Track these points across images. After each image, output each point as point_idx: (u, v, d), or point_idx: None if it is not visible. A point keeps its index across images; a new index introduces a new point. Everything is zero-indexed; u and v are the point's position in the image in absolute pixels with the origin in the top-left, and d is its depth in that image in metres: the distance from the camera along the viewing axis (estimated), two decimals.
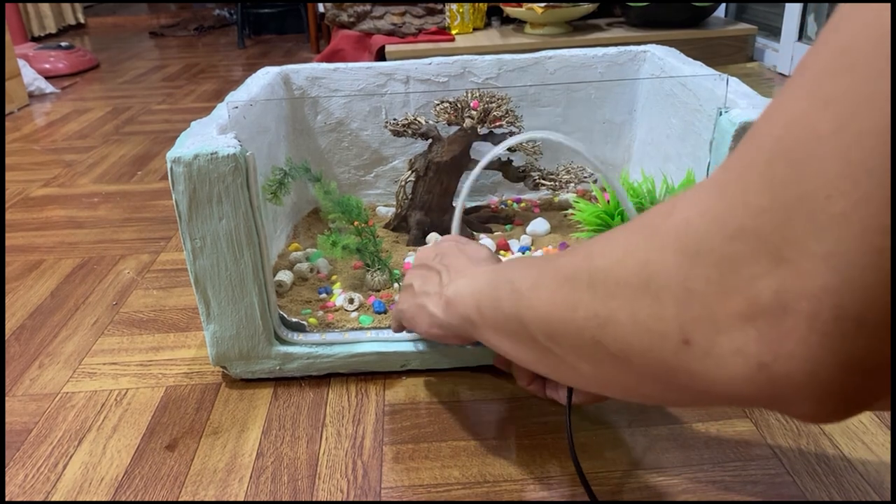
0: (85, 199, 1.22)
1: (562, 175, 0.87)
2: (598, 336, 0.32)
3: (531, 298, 0.38)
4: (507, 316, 0.41)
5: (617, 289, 0.31)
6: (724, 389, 0.27)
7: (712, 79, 0.73)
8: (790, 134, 0.25)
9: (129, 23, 3.75)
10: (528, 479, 0.56)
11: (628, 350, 0.31)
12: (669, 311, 0.28)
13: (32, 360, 0.75)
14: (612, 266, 0.32)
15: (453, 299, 0.49)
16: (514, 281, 0.41)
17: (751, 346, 0.25)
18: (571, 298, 0.34)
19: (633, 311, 0.30)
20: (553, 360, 0.38)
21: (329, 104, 0.96)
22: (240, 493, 0.56)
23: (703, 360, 0.27)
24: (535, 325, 0.38)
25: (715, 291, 0.26)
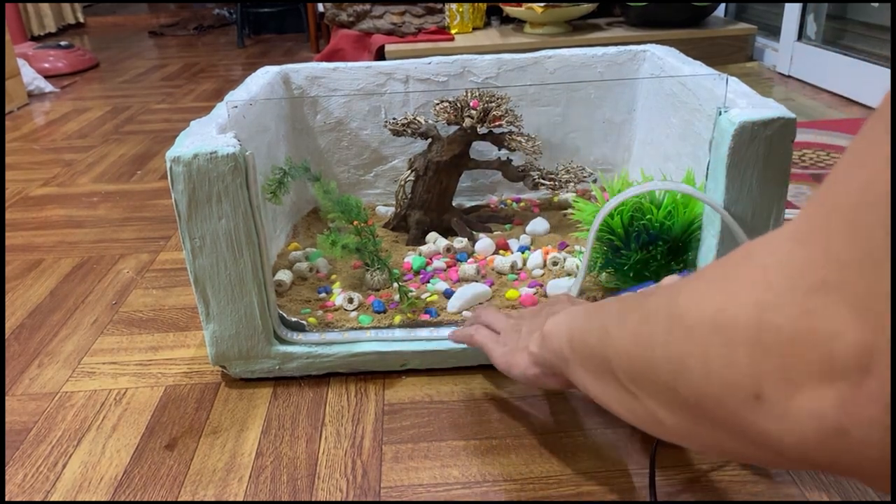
0: (84, 199, 1.22)
1: (561, 175, 0.87)
2: (672, 381, 0.31)
3: (615, 337, 0.37)
4: (593, 352, 0.41)
5: (691, 332, 0.30)
6: (796, 453, 0.25)
7: (712, 78, 0.73)
8: (879, 179, 0.23)
9: (128, 22, 3.75)
10: (528, 479, 0.56)
11: (701, 399, 0.29)
12: (742, 361, 0.26)
13: (32, 359, 0.75)
14: (690, 308, 0.30)
15: (549, 332, 0.49)
16: (605, 317, 0.40)
17: (828, 409, 0.23)
18: (651, 338, 0.33)
19: (705, 358, 0.28)
20: (635, 405, 0.37)
21: (328, 103, 0.96)
22: (239, 492, 0.56)
23: (775, 418, 0.26)
24: (618, 363, 0.37)
25: (791, 346, 0.24)
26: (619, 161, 1.02)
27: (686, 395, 0.30)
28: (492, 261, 0.81)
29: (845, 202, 0.24)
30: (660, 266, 0.70)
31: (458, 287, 0.76)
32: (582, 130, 1.00)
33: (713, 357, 0.28)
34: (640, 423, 0.37)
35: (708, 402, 0.29)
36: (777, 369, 0.25)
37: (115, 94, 2.05)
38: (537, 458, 0.58)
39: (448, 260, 0.83)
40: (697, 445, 0.34)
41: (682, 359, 0.30)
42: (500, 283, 0.78)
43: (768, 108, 0.61)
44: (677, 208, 0.69)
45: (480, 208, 0.98)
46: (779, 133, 0.60)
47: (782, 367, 0.25)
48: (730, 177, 0.61)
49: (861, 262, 0.23)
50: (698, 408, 0.30)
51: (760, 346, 0.26)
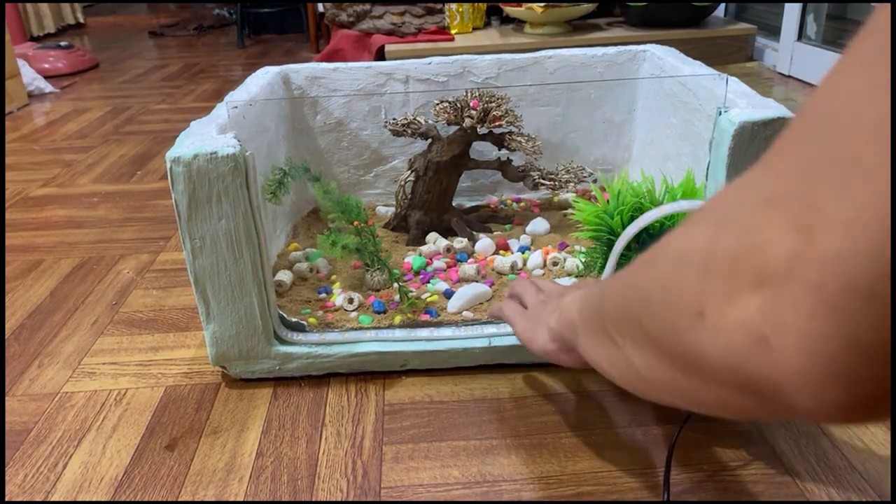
0: (84, 199, 1.22)
1: (561, 175, 0.87)
2: (640, 316, 0.31)
3: (609, 287, 0.38)
4: (594, 311, 0.41)
5: (658, 265, 0.30)
6: (724, 366, 0.25)
7: (712, 78, 0.73)
8: (831, 99, 0.23)
9: (128, 22, 3.75)
10: (528, 479, 0.56)
11: (659, 329, 0.29)
12: (692, 283, 0.27)
13: (32, 359, 0.75)
14: (661, 245, 0.31)
15: (565, 305, 0.49)
16: (607, 283, 0.40)
17: (754, 317, 0.23)
18: (631, 280, 0.34)
19: (664, 286, 0.29)
20: (617, 355, 0.36)
21: (329, 104, 0.96)
22: (239, 492, 0.56)
23: (710, 332, 0.25)
24: (608, 313, 0.37)
25: (734, 262, 0.24)
26: (619, 161, 1.02)
27: (649, 328, 0.31)
28: (492, 261, 0.81)
29: (801, 124, 0.25)
30: None
31: (458, 287, 0.76)
32: (582, 130, 1.00)
33: (671, 284, 0.28)
34: (621, 375, 0.37)
35: (663, 331, 0.29)
36: (720, 286, 0.25)
37: (115, 95, 2.05)
38: (537, 458, 0.58)
39: (448, 260, 0.83)
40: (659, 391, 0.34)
41: (648, 291, 0.30)
42: (501, 283, 0.78)
43: (768, 109, 0.61)
44: None
45: (480, 208, 0.98)
46: (779, 133, 0.60)
47: (724, 283, 0.25)
48: (730, 177, 0.61)
49: (805, 174, 0.23)
50: (657, 340, 0.30)
51: (709, 265, 0.26)
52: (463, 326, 0.70)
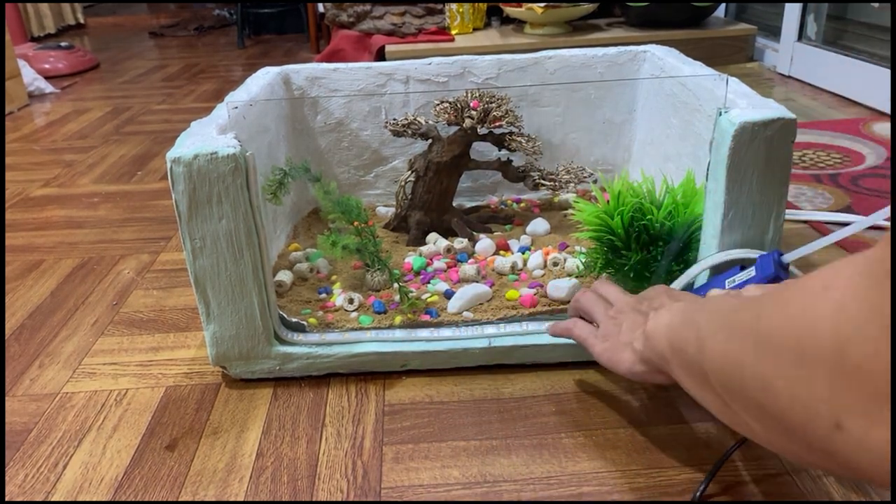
0: (85, 199, 1.22)
1: (561, 175, 0.87)
2: (761, 400, 0.33)
3: (708, 349, 0.39)
4: (691, 360, 0.43)
5: (776, 357, 0.32)
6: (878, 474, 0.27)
7: (712, 79, 0.73)
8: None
9: (128, 23, 3.75)
10: (528, 479, 0.56)
11: (787, 420, 0.31)
12: (822, 393, 0.28)
13: (32, 360, 0.75)
14: (773, 331, 0.32)
15: (651, 333, 0.50)
16: (700, 326, 0.42)
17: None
18: (740, 356, 0.35)
19: (790, 384, 0.31)
20: (730, 413, 0.39)
21: (329, 104, 0.96)
22: (240, 493, 0.56)
23: (855, 447, 0.27)
24: (712, 374, 0.39)
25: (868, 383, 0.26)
26: (619, 161, 1.02)
27: (773, 413, 0.33)
28: (492, 261, 0.81)
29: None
30: (660, 266, 0.70)
31: (458, 288, 0.76)
32: (582, 131, 1.00)
33: (797, 384, 0.30)
34: (738, 429, 0.40)
35: (793, 424, 0.31)
36: (855, 403, 0.27)
37: (116, 95, 2.06)
38: (537, 458, 0.58)
39: (448, 260, 0.83)
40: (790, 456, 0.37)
41: (769, 381, 0.32)
42: (501, 283, 0.78)
43: (768, 109, 0.61)
44: (677, 208, 0.69)
45: (481, 209, 0.98)
46: (779, 133, 0.60)
47: (860, 402, 0.27)
48: (730, 177, 0.61)
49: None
50: (785, 427, 0.32)
51: (840, 379, 0.27)
52: (463, 327, 0.70)
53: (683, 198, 0.70)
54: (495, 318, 0.71)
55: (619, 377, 0.68)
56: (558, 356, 0.69)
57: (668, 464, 0.57)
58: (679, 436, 0.60)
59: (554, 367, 0.69)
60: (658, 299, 0.55)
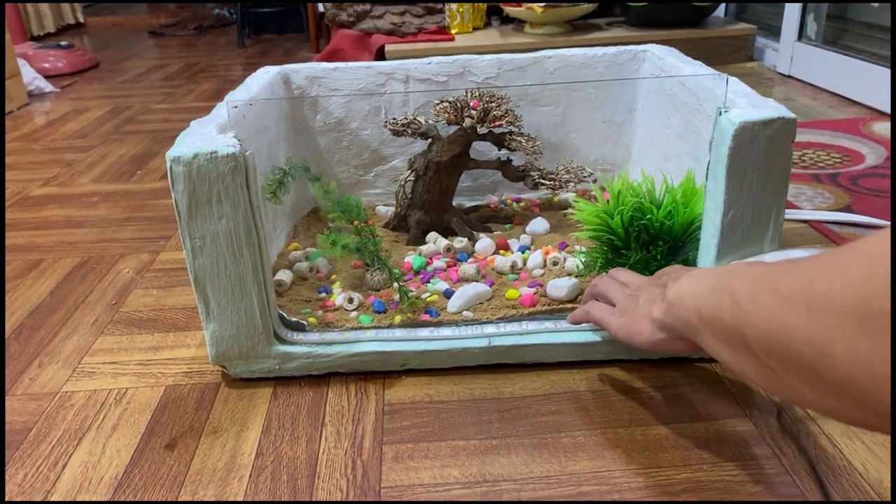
0: (84, 199, 1.22)
1: (561, 175, 0.87)
2: (815, 364, 0.33)
3: (750, 313, 0.38)
4: (727, 326, 0.42)
5: (837, 321, 0.31)
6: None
7: (712, 78, 0.73)
8: None
9: (128, 22, 3.75)
10: (528, 478, 0.56)
11: (848, 384, 0.31)
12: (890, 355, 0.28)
13: (32, 359, 0.75)
14: (832, 295, 0.32)
15: (675, 301, 0.49)
16: (736, 290, 0.41)
17: None
18: (789, 320, 0.34)
19: (853, 348, 0.30)
20: (774, 378, 0.38)
21: (329, 103, 0.96)
22: (239, 492, 0.56)
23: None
24: (754, 340, 0.38)
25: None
26: (619, 161, 1.02)
27: (831, 378, 0.32)
28: (492, 261, 0.81)
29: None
30: (660, 266, 0.70)
31: (458, 287, 0.76)
32: (582, 130, 1.00)
33: (861, 348, 0.30)
34: (780, 393, 0.39)
35: (854, 387, 0.31)
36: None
37: (116, 94, 2.05)
38: (537, 457, 0.58)
39: (448, 260, 0.83)
40: (845, 420, 0.36)
41: (828, 346, 0.32)
42: (501, 282, 0.78)
43: (768, 108, 0.61)
44: (677, 208, 0.69)
45: (480, 208, 0.98)
46: (779, 133, 0.60)
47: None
48: (730, 177, 0.61)
49: None
50: (844, 390, 0.32)
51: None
52: (463, 326, 0.70)
53: (683, 197, 0.70)
54: (495, 317, 0.71)
55: (619, 378, 0.68)
56: (558, 356, 0.69)
57: (668, 464, 0.57)
58: (679, 436, 0.60)
59: (554, 366, 0.69)
60: (676, 273, 0.55)
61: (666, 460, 0.57)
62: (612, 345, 0.68)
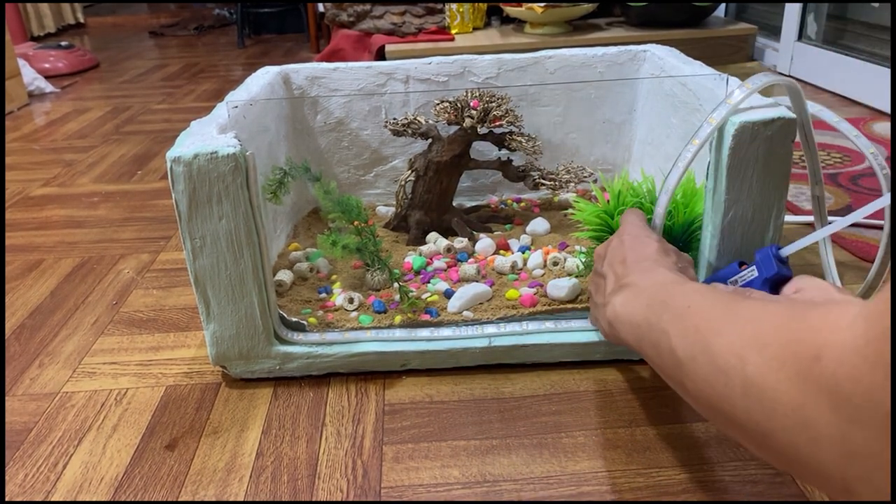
0: (85, 199, 1.22)
1: (562, 175, 0.87)
2: (760, 440, 0.33)
3: (688, 372, 0.39)
4: (665, 369, 0.42)
5: (774, 414, 0.32)
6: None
7: (712, 78, 0.73)
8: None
9: (128, 22, 3.75)
10: (528, 478, 0.56)
11: (792, 463, 0.32)
12: (830, 459, 0.29)
13: (32, 359, 0.75)
14: (766, 387, 0.32)
15: (614, 321, 0.50)
16: (671, 336, 0.41)
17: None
18: (728, 395, 0.35)
19: (793, 442, 0.31)
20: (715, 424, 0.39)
21: (329, 104, 0.96)
22: (240, 492, 0.56)
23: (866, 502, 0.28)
24: (694, 397, 0.39)
25: (877, 457, 0.26)
26: (619, 161, 1.02)
27: (777, 453, 0.33)
28: (492, 261, 0.81)
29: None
30: None
31: (458, 287, 0.76)
32: (582, 130, 1.00)
33: (801, 446, 0.30)
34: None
35: (799, 468, 0.31)
36: (865, 475, 0.27)
37: (116, 95, 2.05)
38: (537, 457, 0.58)
39: (448, 260, 0.83)
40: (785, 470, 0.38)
41: (769, 432, 0.32)
42: (501, 283, 0.78)
43: (768, 109, 0.61)
44: (677, 208, 0.69)
45: (481, 208, 0.98)
46: (779, 133, 0.60)
47: (870, 475, 0.27)
48: (730, 177, 0.61)
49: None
50: (790, 464, 0.32)
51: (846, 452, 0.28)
52: (463, 326, 0.70)
53: (683, 198, 0.70)
54: (495, 317, 0.71)
55: (619, 378, 0.68)
56: (558, 356, 0.69)
57: (668, 464, 0.57)
58: (679, 436, 0.60)
59: (554, 366, 0.69)
60: (615, 264, 0.55)
61: (666, 460, 0.57)
62: (612, 345, 0.68)
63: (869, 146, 0.71)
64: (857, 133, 0.72)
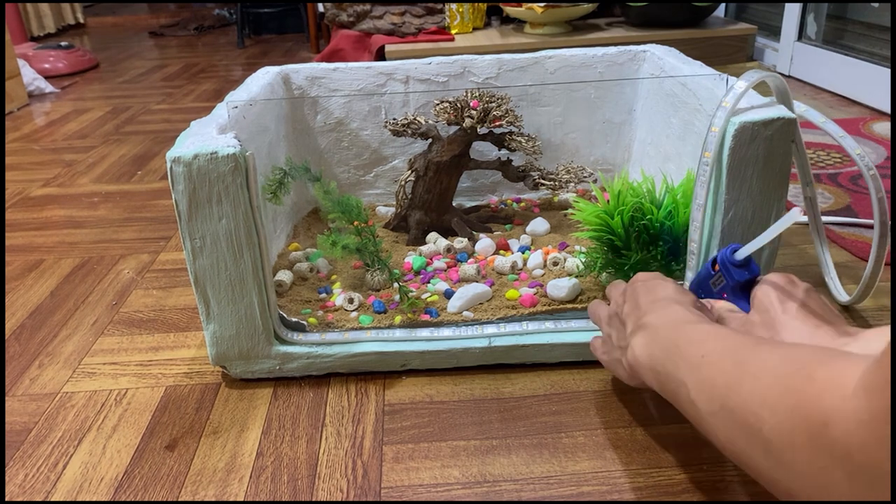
0: (85, 199, 1.22)
1: (561, 175, 0.87)
2: (786, 495, 0.36)
3: (710, 424, 0.41)
4: (689, 418, 0.44)
5: (794, 475, 0.34)
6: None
7: (712, 78, 0.73)
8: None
9: (128, 22, 3.75)
10: (528, 478, 0.56)
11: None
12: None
13: (32, 359, 0.75)
14: (783, 448, 0.34)
15: (635, 366, 0.51)
16: (690, 389, 0.43)
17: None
18: (750, 452, 0.37)
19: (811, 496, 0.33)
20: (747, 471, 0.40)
21: (329, 104, 0.96)
22: (239, 492, 0.56)
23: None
24: (719, 445, 0.41)
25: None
26: (619, 161, 1.02)
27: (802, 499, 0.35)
28: (492, 261, 0.81)
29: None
30: (660, 266, 0.70)
31: (458, 287, 0.76)
32: (582, 131, 1.00)
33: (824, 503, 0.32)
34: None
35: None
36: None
37: (116, 95, 2.05)
38: (537, 457, 0.58)
39: (448, 260, 0.83)
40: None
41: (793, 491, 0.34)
42: (501, 283, 0.78)
43: (768, 109, 0.61)
44: (677, 208, 0.69)
45: (481, 208, 0.98)
46: (779, 133, 0.60)
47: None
48: (730, 177, 0.61)
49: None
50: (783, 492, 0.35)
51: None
52: (463, 326, 0.70)
53: (683, 198, 0.70)
54: (495, 317, 0.71)
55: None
56: (558, 356, 0.69)
57: (668, 464, 0.57)
58: (679, 436, 0.60)
59: (554, 366, 0.70)
60: (633, 313, 0.54)
61: (666, 460, 0.57)
62: None
63: (855, 147, 0.71)
64: (842, 134, 0.72)
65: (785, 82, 0.63)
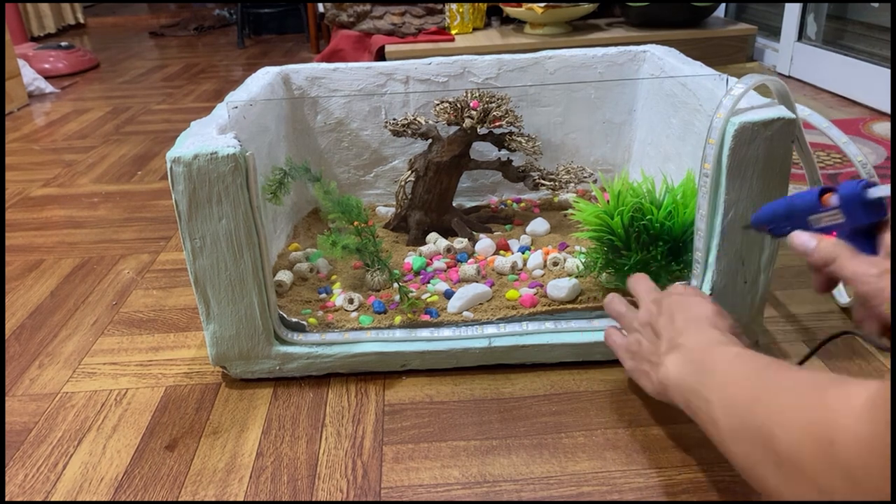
0: (85, 199, 1.22)
1: (561, 175, 0.87)
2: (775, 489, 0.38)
3: (730, 440, 0.43)
4: (710, 434, 0.46)
5: (802, 490, 0.36)
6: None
7: (712, 79, 0.73)
8: None
9: (128, 23, 3.75)
10: (528, 479, 0.56)
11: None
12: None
13: (32, 359, 0.75)
14: (793, 465, 0.36)
15: (666, 383, 0.52)
16: (714, 407, 0.45)
17: None
18: (764, 467, 0.39)
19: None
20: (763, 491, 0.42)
21: (329, 104, 0.96)
22: (239, 493, 0.56)
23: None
24: (737, 464, 0.43)
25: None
26: (619, 161, 1.02)
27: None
28: (492, 261, 0.81)
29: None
30: (660, 266, 0.70)
31: (458, 287, 0.76)
32: (582, 131, 1.00)
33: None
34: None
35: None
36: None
37: (116, 95, 2.05)
38: (537, 458, 0.58)
39: (448, 260, 0.83)
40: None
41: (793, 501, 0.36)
42: (501, 283, 0.78)
43: (768, 109, 0.61)
44: (677, 208, 0.69)
45: (481, 209, 0.98)
46: (779, 133, 0.60)
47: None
48: (730, 177, 0.61)
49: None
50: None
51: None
52: (463, 327, 0.70)
53: (683, 198, 0.70)
54: (495, 317, 0.71)
55: (619, 378, 0.68)
56: (558, 356, 0.69)
57: (668, 464, 0.57)
58: (679, 436, 0.60)
59: (554, 367, 0.70)
60: (667, 324, 0.54)
61: (666, 460, 0.57)
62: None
63: (857, 154, 0.71)
64: (845, 140, 0.72)
65: (785, 85, 0.63)
